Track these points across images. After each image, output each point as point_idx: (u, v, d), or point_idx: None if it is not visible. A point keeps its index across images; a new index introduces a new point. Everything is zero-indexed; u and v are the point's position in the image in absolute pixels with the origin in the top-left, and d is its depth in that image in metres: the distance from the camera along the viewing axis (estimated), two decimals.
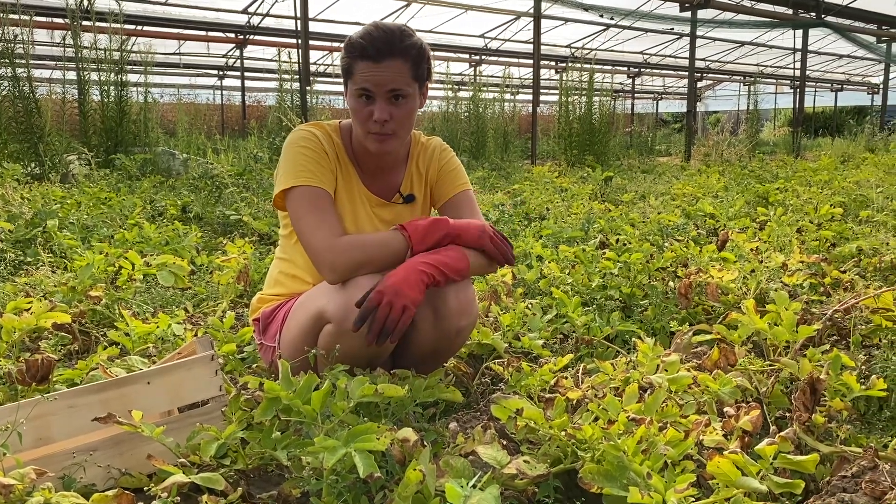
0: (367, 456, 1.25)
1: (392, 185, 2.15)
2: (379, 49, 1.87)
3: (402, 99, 1.92)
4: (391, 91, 1.89)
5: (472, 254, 1.91)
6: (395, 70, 1.88)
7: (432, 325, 1.91)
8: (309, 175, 1.93)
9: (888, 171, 8.07)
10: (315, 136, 2.01)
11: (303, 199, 1.91)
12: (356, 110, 1.94)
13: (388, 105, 1.91)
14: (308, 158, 1.95)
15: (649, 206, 5.42)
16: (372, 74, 1.87)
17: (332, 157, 2.02)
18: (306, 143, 1.98)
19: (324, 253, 1.83)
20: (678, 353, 2.16)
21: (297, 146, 1.98)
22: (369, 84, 1.88)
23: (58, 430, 1.51)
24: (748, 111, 14.37)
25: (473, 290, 1.99)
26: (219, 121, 20.24)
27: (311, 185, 1.92)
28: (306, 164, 1.94)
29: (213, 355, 1.71)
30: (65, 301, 2.65)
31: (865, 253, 3.50)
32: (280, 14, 15.21)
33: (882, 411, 2.03)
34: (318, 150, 1.98)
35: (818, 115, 30.42)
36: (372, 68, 1.87)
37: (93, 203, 4.86)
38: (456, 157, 2.22)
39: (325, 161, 1.98)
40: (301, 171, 1.93)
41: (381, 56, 1.87)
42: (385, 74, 1.87)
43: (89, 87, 8.39)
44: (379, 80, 1.88)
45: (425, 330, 1.91)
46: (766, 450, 1.23)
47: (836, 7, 14.62)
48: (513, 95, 13.75)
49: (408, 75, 1.91)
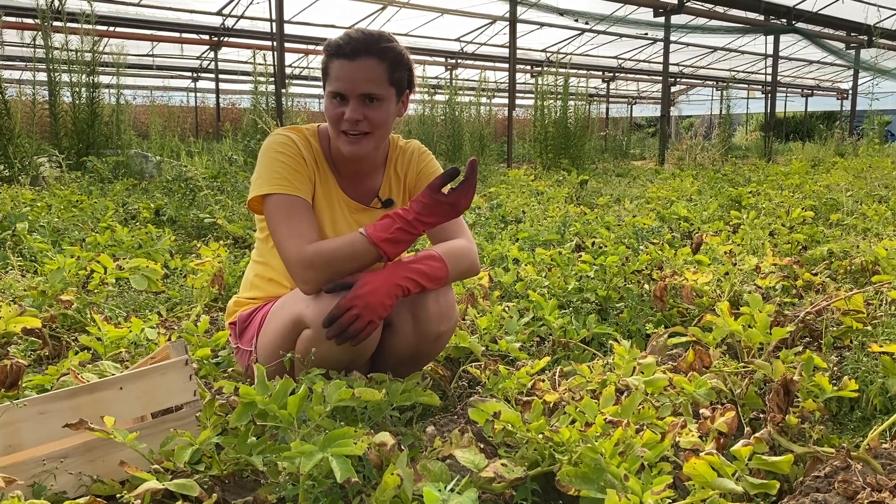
0: (343, 461, 1.24)
1: (370, 189, 2.13)
2: (355, 48, 1.86)
3: (376, 102, 1.91)
4: (363, 94, 1.88)
5: (451, 260, 1.90)
6: (368, 69, 1.87)
7: (412, 329, 1.90)
8: (284, 183, 1.91)
9: (857, 175, 8.20)
10: (292, 142, 1.99)
11: (277, 207, 1.89)
12: (329, 111, 1.93)
13: (361, 106, 1.90)
14: (284, 165, 1.93)
15: (624, 209, 5.46)
16: (345, 73, 1.87)
17: (310, 163, 2.00)
18: (283, 150, 1.96)
19: (295, 265, 1.83)
20: (654, 355, 2.17)
21: (274, 151, 1.95)
22: (341, 85, 1.88)
23: (28, 437, 1.47)
24: (721, 116, 14.54)
25: (453, 294, 1.99)
26: (193, 123, 20.07)
27: (285, 192, 1.90)
28: (282, 172, 1.92)
29: (187, 360, 1.68)
30: (35, 305, 2.60)
31: (836, 256, 3.55)
32: (255, 16, 15.12)
33: (853, 412, 2.06)
34: (294, 157, 1.96)
35: (789, 119, 30.88)
36: (346, 66, 1.87)
37: (64, 206, 4.78)
38: (435, 160, 2.21)
39: (302, 167, 1.96)
40: (276, 179, 1.91)
41: (356, 54, 1.86)
42: (358, 74, 1.86)
43: (60, 89, 8.26)
44: (352, 78, 1.87)
45: (405, 334, 1.91)
46: (741, 451, 1.24)
47: (807, 14, 14.86)
48: (489, 99, 13.78)
49: (383, 77, 1.90)
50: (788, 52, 20.31)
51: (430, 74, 15.72)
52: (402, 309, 1.89)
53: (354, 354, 1.82)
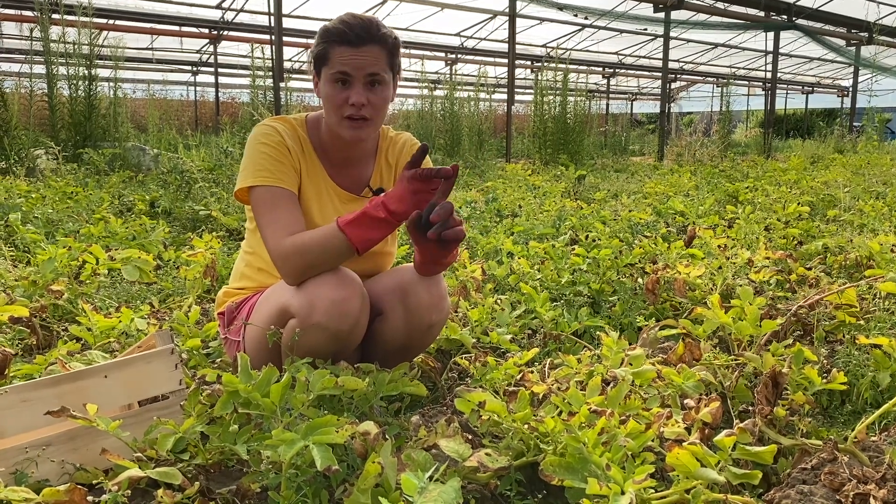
0: (325, 449, 1.23)
1: (361, 179, 2.12)
2: (358, 34, 1.87)
3: (379, 86, 1.92)
4: (370, 75, 1.89)
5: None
6: (374, 55, 1.89)
7: (403, 319, 1.90)
8: (267, 174, 1.91)
9: (856, 171, 8.19)
10: (276, 131, 1.98)
11: (261, 199, 1.89)
12: (331, 96, 1.92)
13: (365, 90, 1.90)
14: (267, 156, 1.92)
15: (621, 204, 5.44)
16: (351, 58, 1.87)
17: (296, 152, 1.99)
18: (267, 140, 1.95)
19: (275, 258, 1.83)
20: (645, 347, 2.17)
21: (258, 142, 1.95)
22: (348, 68, 1.88)
23: (11, 425, 1.47)
24: (721, 112, 14.51)
25: (445, 285, 1.99)
26: (192, 117, 20.04)
27: (268, 184, 1.89)
28: (264, 163, 1.92)
29: (172, 349, 1.68)
30: (25, 295, 2.59)
31: (831, 251, 3.54)
32: (254, 10, 15.09)
33: (844, 405, 2.06)
34: (278, 147, 1.95)
35: (789, 116, 30.83)
36: (351, 52, 1.87)
37: (58, 197, 4.77)
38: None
39: (286, 158, 1.95)
40: (259, 171, 1.91)
41: (361, 41, 1.87)
42: (365, 58, 1.88)
43: (57, 81, 8.24)
44: (358, 63, 1.87)
45: (396, 324, 1.90)
46: (724, 441, 1.24)
47: (807, 10, 14.83)
48: (488, 94, 13.75)
49: (384, 62, 1.92)
50: (789, 49, 20.28)
51: (429, 69, 15.69)
52: (394, 299, 1.89)
53: (340, 344, 1.81)
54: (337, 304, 1.75)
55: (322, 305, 1.74)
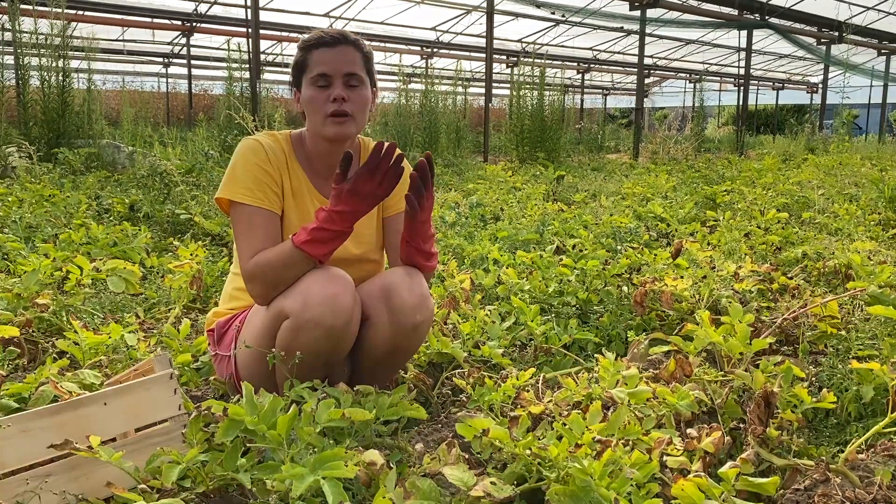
0: (335, 484, 1.24)
1: None
2: (334, 37, 2.00)
3: (359, 86, 2.01)
4: (348, 75, 1.98)
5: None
6: (350, 55, 1.99)
7: (388, 321, 1.91)
8: (248, 193, 1.95)
9: (828, 172, 8.33)
10: (261, 147, 2.02)
11: (239, 217, 1.95)
12: (313, 98, 1.99)
13: (345, 89, 1.98)
14: (249, 174, 1.97)
15: (601, 206, 5.49)
16: (328, 57, 1.97)
17: (281, 166, 2.03)
18: (251, 156, 2.00)
19: (244, 278, 1.90)
20: (635, 362, 2.20)
21: (243, 157, 2.00)
22: (327, 68, 1.97)
23: (10, 456, 1.45)
24: (694, 109, 14.67)
25: (427, 285, 2.00)
26: (164, 109, 19.78)
27: (247, 203, 1.95)
28: (247, 181, 1.96)
29: (171, 374, 1.67)
30: (10, 309, 2.55)
31: (810, 258, 3.61)
32: (228, 2, 14.93)
33: (829, 418, 2.11)
34: (262, 164, 1.99)
35: (760, 112, 31.24)
36: (328, 53, 1.98)
37: (36, 200, 4.69)
38: (407, 163, 2.21)
39: (267, 176, 1.99)
40: (240, 188, 1.95)
41: (337, 42, 2.00)
42: (341, 57, 1.98)
43: (28, 73, 8.06)
44: (336, 63, 1.97)
45: (381, 327, 1.92)
46: (728, 473, 1.26)
47: (780, 9, 15.03)
48: (464, 89, 13.75)
49: (361, 64, 2.01)
50: (761, 46, 20.55)
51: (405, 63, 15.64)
52: (378, 302, 1.91)
53: (334, 343, 1.83)
54: (330, 299, 1.79)
55: (315, 300, 1.78)
